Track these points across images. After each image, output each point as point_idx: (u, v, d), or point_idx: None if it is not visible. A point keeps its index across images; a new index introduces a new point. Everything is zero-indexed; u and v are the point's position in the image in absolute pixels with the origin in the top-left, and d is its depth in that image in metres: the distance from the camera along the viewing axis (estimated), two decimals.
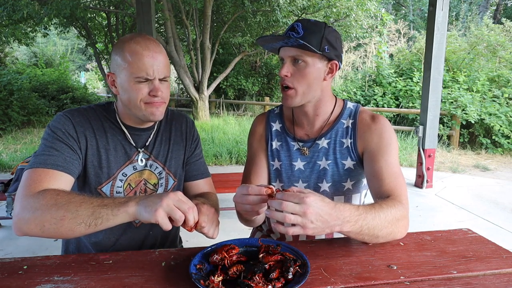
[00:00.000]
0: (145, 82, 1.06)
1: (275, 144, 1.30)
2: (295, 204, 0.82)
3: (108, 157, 1.13)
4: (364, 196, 1.32)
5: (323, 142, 1.23)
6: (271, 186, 0.92)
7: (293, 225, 0.83)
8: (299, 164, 1.26)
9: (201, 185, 1.32)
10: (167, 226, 0.86)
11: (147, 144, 1.21)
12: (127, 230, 1.19)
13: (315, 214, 0.82)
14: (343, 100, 1.29)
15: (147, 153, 1.20)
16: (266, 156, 1.31)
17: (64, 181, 1.01)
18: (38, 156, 1.02)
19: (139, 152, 1.18)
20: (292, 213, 0.82)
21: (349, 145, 1.21)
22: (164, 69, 1.08)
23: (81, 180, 1.13)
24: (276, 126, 1.32)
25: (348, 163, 1.21)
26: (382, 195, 1.07)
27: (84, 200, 0.90)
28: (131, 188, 1.18)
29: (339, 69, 1.18)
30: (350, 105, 1.27)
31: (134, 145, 1.18)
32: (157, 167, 1.22)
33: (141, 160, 1.18)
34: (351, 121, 1.22)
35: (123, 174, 1.16)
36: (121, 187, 1.16)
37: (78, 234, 0.91)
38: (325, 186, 1.23)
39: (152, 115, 1.09)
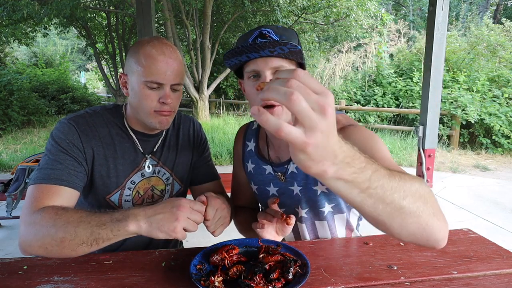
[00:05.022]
0: (156, 89, 1.03)
1: (249, 166, 1.22)
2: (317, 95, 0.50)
3: (116, 165, 1.10)
4: (359, 216, 1.19)
5: (292, 167, 1.09)
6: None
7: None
8: (272, 190, 1.16)
9: (210, 188, 1.29)
10: (184, 237, 0.86)
11: (154, 150, 1.18)
12: (132, 237, 1.18)
13: (328, 126, 0.49)
14: None
15: (155, 159, 1.18)
16: (246, 176, 1.26)
17: (67, 196, 0.98)
18: (41, 169, 0.99)
19: (146, 158, 1.16)
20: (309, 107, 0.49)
21: None
22: (177, 76, 1.04)
23: (87, 190, 1.11)
24: (250, 145, 1.23)
25: (320, 187, 1.07)
26: None
27: (81, 219, 0.86)
28: (140, 196, 1.17)
29: None
30: None
31: (142, 151, 1.15)
32: (165, 173, 1.20)
33: (149, 167, 1.16)
34: None
35: (132, 182, 1.14)
36: (129, 195, 1.15)
37: (83, 253, 0.89)
38: (302, 212, 1.13)
39: (159, 123, 1.07)
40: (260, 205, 1.28)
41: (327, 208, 1.11)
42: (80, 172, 1.03)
